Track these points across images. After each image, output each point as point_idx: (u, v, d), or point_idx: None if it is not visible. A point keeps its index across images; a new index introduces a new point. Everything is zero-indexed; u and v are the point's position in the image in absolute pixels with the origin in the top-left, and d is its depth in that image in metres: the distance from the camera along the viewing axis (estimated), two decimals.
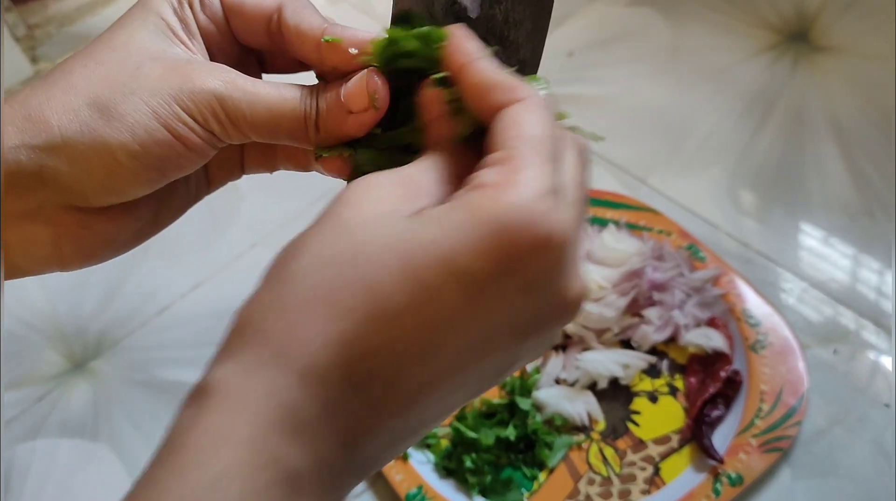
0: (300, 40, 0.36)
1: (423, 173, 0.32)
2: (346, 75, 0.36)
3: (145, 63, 0.35)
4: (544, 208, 0.28)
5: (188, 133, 0.34)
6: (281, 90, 0.35)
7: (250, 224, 0.98)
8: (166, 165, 0.34)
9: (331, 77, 0.37)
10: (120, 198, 0.35)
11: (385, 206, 0.30)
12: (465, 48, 0.33)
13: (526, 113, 0.31)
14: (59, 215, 0.35)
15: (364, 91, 0.34)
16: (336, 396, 0.28)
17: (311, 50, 0.36)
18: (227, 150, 0.42)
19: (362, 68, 0.35)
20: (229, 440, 0.26)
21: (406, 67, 0.35)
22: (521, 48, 0.39)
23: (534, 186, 0.29)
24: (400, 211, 0.30)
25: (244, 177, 0.45)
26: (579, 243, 0.31)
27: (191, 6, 0.37)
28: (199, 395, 0.28)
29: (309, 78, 0.39)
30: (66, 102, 0.33)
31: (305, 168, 0.42)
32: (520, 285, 0.29)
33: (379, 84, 0.35)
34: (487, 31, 0.37)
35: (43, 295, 0.92)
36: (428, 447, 0.76)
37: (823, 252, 0.91)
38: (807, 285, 0.88)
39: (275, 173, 0.46)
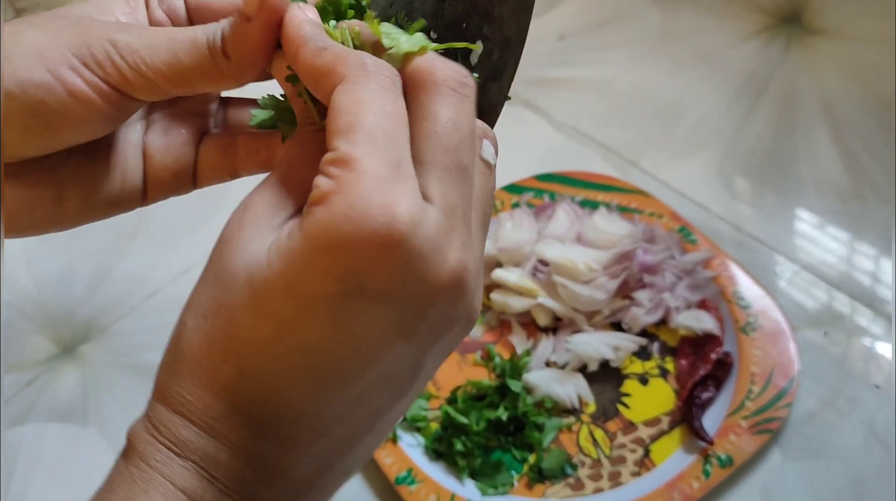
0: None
1: (293, 167, 0.31)
2: None
3: (50, 18, 0.34)
4: (375, 206, 0.27)
5: (72, 77, 0.32)
6: (182, 29, 0.34)
7: None
8: (49, 114, 0.32)
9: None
10: (4, 150, 0.33)
11: (249, 231, 0.29)
12: (296, 30, 0.31)
13: (346, 96, 0.29)
14: None
15: None
16: (242, 440, 0.29)
17: None
18: (174, 152, 0.40)
19: None
20: (152, 492, 0.28)
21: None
22: (505, 24, 0.38)
23: (362, 185, 0.27)
24: (266, 228, 0.29)
25: None
26: (448, 207, 0.29)
27: (146, 3, 0.36)
28: (126, 450, 0.30)
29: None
30: None
31: (268, 166, 0.40)
32: (376, 290, 0.27)
33: None
34: (471, 6, 0.37)
35: (31, 280, 0.92)
36: (418, 430, 0.76)
37: (815, 235, 0.91)
38: (798, 267, 0.88)
39: None
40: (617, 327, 0.82)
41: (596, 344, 0.79)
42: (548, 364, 0.80)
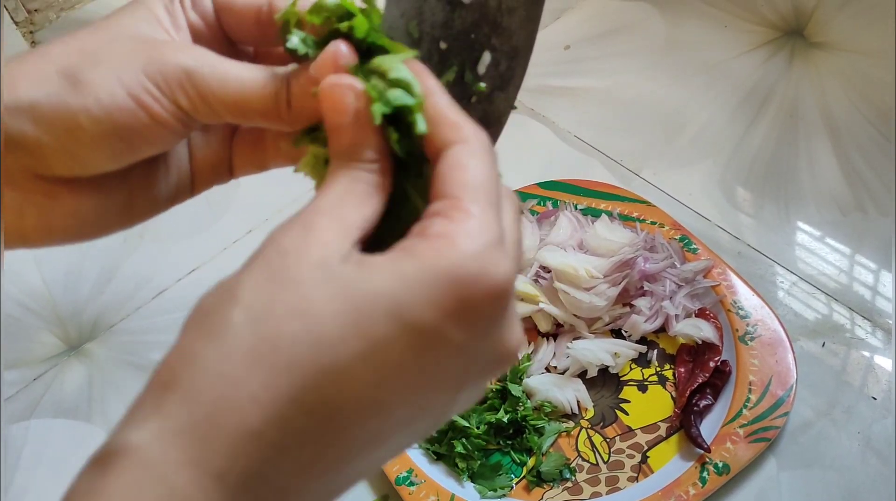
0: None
1: (346, 199, 0.31)
2: None
3: (119, 38, 0.35)
4: (494, 259, 0.28)
5: (153, 104, 0.34)
6: (253, 69, 0.35)
7: (246, 209, 0.99)
8: (131, 135, 0.34)
9: None
10: (85, 167, 0.35)
11: (322, 250, 0.29)
12: (429, 76, 0.33)
13: (471, 157, 0.31)
14: (25, 182, 0.35)
15: (330, 60, 0.33)
16: (266, 463, 0.27)
17: None
18: (214, 148, 0.42)
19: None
20: None
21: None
22: (514, 35, 0.39)
23: (484, 237, 0.29)
24: (338, 254, 0.29)
25: None
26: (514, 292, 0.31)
27: (181, 3, 0.38)
28: (103, 459, 0.26)
29: None
30: (36, 69, 0.34)
31: (294, 160, 0.40)
32: (467, 337, 0.28)
33: (345, 52, 0.34)
34: (481, 17, 0.38)
35: (39, 278, 0.93)
36: None
37: (815, 247, 0.92)
38: (797, 278, 0.88)
39: None
40: (617, 334, 0.83)
41: (596, 350, 0.80)
42: (548, 369, 0.81)
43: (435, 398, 0.30)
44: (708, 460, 0.73)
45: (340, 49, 0.34)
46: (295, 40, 0.35)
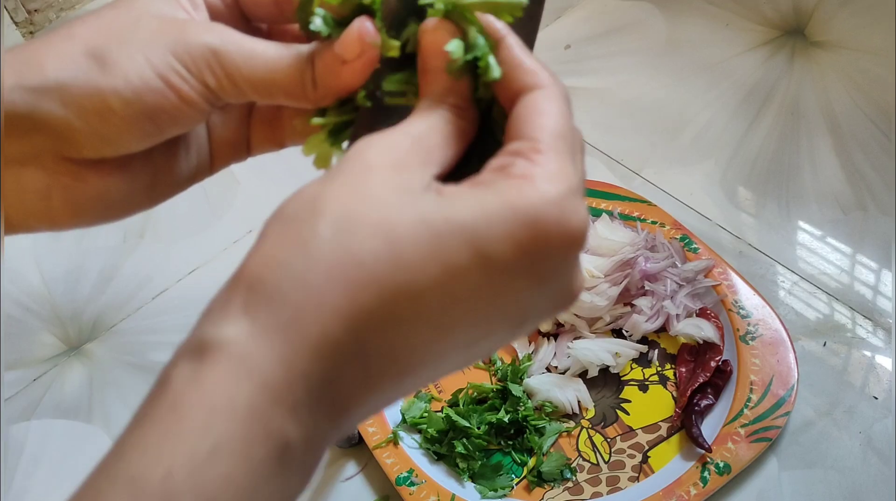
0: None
1: (433, 133, 0.32)
2: None
3: (143, 17, 0.35)
4: (573, 206, 0.29)
5: (182, 84, 0.34)
6: (278, 47, 0.36)
7: (246, 210, 0.98)
8: (160, 116, 0.34)
9: None
10: (113, 149, 0.35)
11: (406, 174, 0.30)
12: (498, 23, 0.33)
13: (549, 102, 0.31)
14: (53, 163, 0.35)
15: (356, 38, 0.34)
16: (339, 370, 0.28)
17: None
18: (232, 126, 0.42)
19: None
20: (230, 409, 0.26)
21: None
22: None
23: (564, 183, 0.29)
24: (420, 181, 0.30)
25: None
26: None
27: None
28: (199, 350, 0.27)
29: None
30: (62, 49, 0.34)
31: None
32: (538, 277, 0.29)
33: (371, 29, 0.34)
34: None
35: (39, 278, 0.93)
36: (419, 431, 0.77)
37: (816, 246, 0.91)
38: (798, 277, 0.88)
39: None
40: (618, 333, 0.83)
41: (596, 350, 0.80)
42: (549, 369, 0.81)
43: (498, 327, 0.31)
44: (709, 460, 0.72)
45: (365, 26, 0.34)
46: (318, 21, 0.35)
